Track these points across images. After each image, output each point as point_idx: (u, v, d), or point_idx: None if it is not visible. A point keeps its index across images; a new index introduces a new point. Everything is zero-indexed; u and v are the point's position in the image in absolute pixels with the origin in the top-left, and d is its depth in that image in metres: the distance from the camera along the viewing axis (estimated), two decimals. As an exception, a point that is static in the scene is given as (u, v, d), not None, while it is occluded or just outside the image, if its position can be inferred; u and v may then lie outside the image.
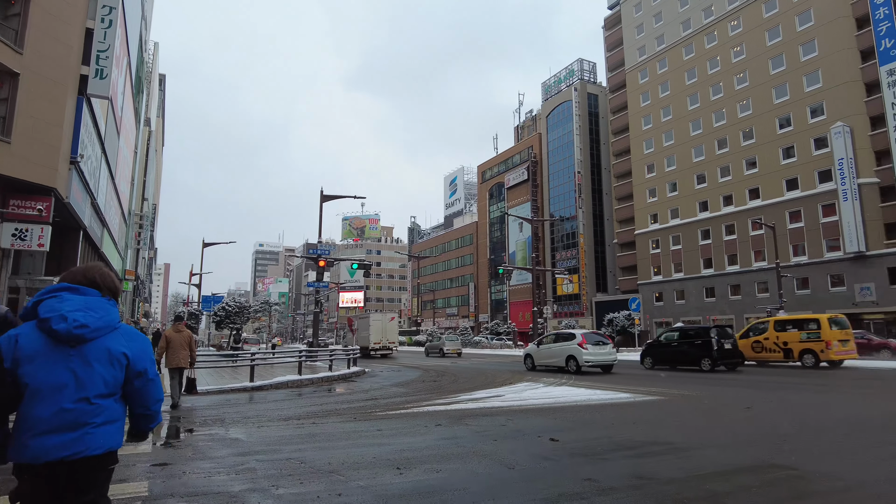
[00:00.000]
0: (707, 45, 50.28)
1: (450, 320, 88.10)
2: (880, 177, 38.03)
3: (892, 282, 36.50)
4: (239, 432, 7.53)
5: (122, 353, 2.25)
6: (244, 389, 13.72)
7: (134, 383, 2.28)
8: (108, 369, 2.20)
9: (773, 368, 19.63)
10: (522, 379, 16.27)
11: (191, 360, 10.44)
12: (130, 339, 2.32)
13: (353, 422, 8.39)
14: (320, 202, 26.59)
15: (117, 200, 27.12)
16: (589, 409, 9.70)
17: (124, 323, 2.43)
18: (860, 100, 39.27)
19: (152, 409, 2.39)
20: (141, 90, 35.23)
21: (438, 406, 10.16)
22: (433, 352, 37.12)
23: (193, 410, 10.06)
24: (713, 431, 7.45)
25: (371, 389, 13.90)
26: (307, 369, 18.07)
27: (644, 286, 53.95)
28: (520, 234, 73.34)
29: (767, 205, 43.46)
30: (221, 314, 38.55)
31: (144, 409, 2.38)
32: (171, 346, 10.27)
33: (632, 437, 6.87)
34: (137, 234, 44.70)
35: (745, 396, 11.16)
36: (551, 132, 69.70)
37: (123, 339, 2.29)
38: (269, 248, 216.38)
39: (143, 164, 43.07)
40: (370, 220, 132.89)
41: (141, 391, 2.31)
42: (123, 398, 2.31)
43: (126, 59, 23.66)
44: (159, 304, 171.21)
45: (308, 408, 10.26)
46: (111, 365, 2.21)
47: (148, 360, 2.34)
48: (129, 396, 2.31)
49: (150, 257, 66.94)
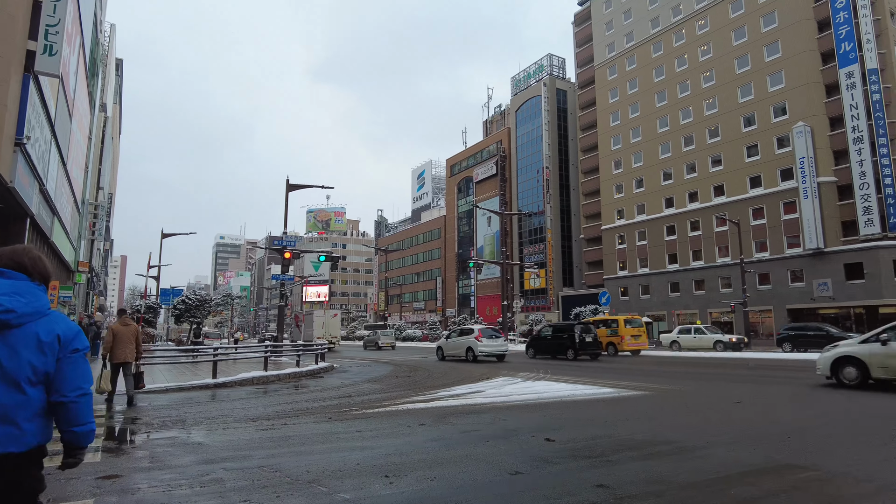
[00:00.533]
0: (675, 43, 50.92)
1: (417, 315, 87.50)
2: (838, 176, 39.20)
3: (847, 278, 37.71)
4: (202, 435, 6.80)
5: (55, 336, 2.05)
6: (206, 386, 12.86)
7: (64, 362, 2.05)
8: (38, 356, 2.00)
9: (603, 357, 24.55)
10: (499, 374, 15.85)
11: (137, 354, 9.99)
12: (64, 322, 2.11)
13: (328, 422, 7.73)
14: (286, 191, 25.57)
15: (69, 187, 25.51)
16: (575, 405, 9.31)
17: (56, 311, 2.17)
18: (820, 101, 40.36)
19: (84, 386, 2.09)
20: (96, 73, 33.46)
21: (418, 404, 9.58)
22: (370, 345, 41.22)
23: (150, 410, 9.21)
24: (710, 427, 7.10)
25: (342, 386, 13.23)
26: (272, 365, 17.22)
27: (610, 281, 54.50)
28: (488, 229, 73.21)
29: (731, 202, 44.36)
30: (181, 307, 36.98)
31: (73, 393, 2.04)
32: (117, 340, 9.72)
33: (631, 436, 6.46)
34: (92, 225, 42.67)
35: (710, 390, 11.00)
36: (520, 127, 69.69)
37: (55, 324, 2.08)
38: (231, 241, 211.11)
39: (98, 151, 41.09)
40: (335, 213, 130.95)
41: (72, 368, 2.06)
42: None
43: (79, 38, 22.19)
44: (115, 297, 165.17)
45: (278, 406, 9.54)
46: (41, 352, 2.01)
47: (81, 343, 2.12)
48: (57, 381, 2.04)
49: (105, 249, 64.14)
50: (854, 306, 37.63)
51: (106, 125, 46.18)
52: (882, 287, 35.67)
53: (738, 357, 24.17)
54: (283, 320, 26.06)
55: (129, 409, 9.33)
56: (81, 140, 29.61)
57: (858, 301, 37.17)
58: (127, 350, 9.76)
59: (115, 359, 9.74)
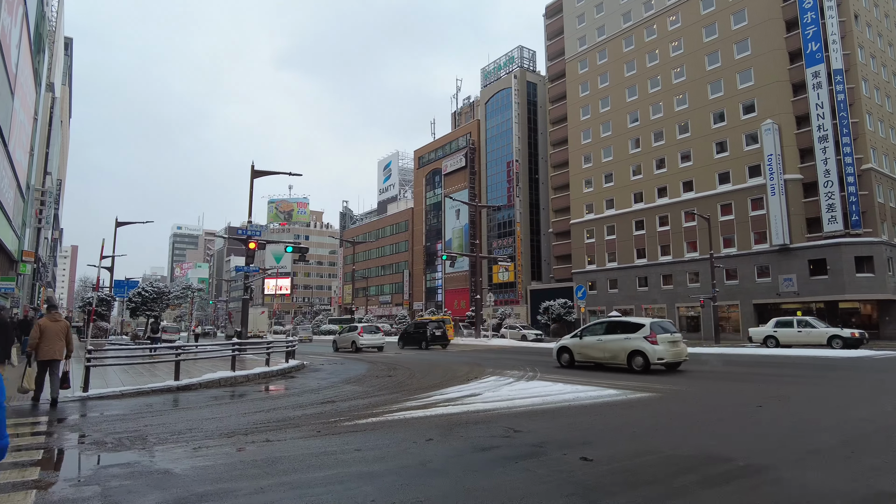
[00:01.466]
0: (647, 38, 50.97)
1: (383, 308, 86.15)
2: (804, 173, 39.90)
3: (811, 274, 38.48)
4: (169, 459, 5.61)
5: None
6: (168, 390, 11.51)
7: None
8: None
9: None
10: (484, 372, 14.97)
11: (67, 352, 9.55)
12: None
13: (317, 437, 6.64)
14: (251, 177, 24.05)
15: (12, 171, 23.33)
16: (586, 410, 8.49)
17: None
18: (787, 99, 40.97)
19: None
20: (42, 49, 30.99)
21: (415, 411, 8.57)
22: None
23: (103, 422, 7.88)
24: (748, 435, 6.36)
25: (321, 388, 12.08)
26: (238, 363, 15.86)
27: (578, 275, 54.49)
28: (456, 222, 72.38)
29: (700, 197, 44.72)
30: (137, 300, 34.77)
31: None
32: (44, 336, 9.17)
33: (675, 451, 5.65)
34: (39, 212, 40.02)
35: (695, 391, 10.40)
36: (490, 119, 68.98)
37: None
38: (188, 232, 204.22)
39: (45, 133, 38.35)
40: (298, 204, 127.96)
41: None
42: None
43: (22, 8, 20.16)
44: (65, 289, 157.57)
45: (254, 415, 8.36)
46: None
47: None
48: None
49: (54, 238, 60.52)
50: (816, 301, 38.45)
51: (54, 106, 43.26)
52: (845, 283, 36.50)
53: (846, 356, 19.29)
54: (247, 314, 24.59)
55: (69, 420, 8.02)
56: (25, 120, 27.25)
57: (821, 296, 37.99)
58: (55, 347, 9.24)
59: (41, 356, 9.20)
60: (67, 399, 9.98)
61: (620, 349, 15.40)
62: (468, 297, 67.47)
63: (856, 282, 36.42)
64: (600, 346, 16.08)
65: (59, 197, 55.53)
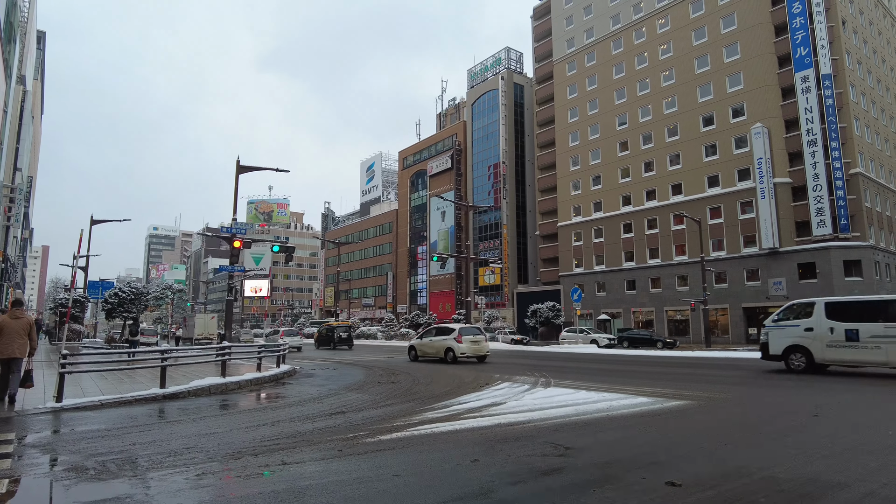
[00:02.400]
0: (635, 40, 50.86)
1: (366, 311, 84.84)
2: (793, 177, 40.02)
3: (801, 277, 38.53)
4: (169, 492, 4.55)
5: None
6: (154, 399, 10.39)
7: None
8: None
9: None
10: (493, 378, 14.10)
11: (30, 350, 9.21)
12: None
13: (342, 457, 5.68)
14: (236, 173, 22.78)
15: (-26, 161, 21.82)
16: (629, 421, 7.66)
17: None
18: (777, 103, 41.09)
19: None
20: (12, 39, 29.36)
21: (439, 424, 7.63)
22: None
23: (81, 440, 6.79)
24: (836, 453, 5.59)
25: (322, 397, 11.07)
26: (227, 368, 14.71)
27: (565, 278, 54.06)
28: (441, 224, 71.51)
29: (689, 200, 44.60)
30: (114, 301, 33.11)
31: None
32: (4, 334, 8.89)
33: (770, 473, 4.84)
34: (7, 209, 38.19)
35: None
36: (476, 121, 68.36)
37: None
38: (165, 233, 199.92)
39: (15, 127, 36.50)
40: (279, 205, 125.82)
41: None
42: None
43: (-10, -10, 18.82)
44: (35, 290, 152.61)
45: (258, 430, 7.35)
46: None
47: None
48: None
49: (24, 237, 58.01)
50: (805, 305, 38.46)
51: (25, 100, 41.37)
52: (834, 286, 36.55)
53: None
54: (231, 316, 23.38)
55: (53, 438, 6.93)
56: (-8, 109, 25.68)
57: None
58: (15, 345, 8.96)
59: (1, 354, 8.89)
60: (38, 410, 8.85)
61: (441, 347, 20.71)
62: (453, 300, 66.58)
63: (844, 285, 36.50)
64: (431, 345, 21.52)
65: (30, 195, 53.23)
